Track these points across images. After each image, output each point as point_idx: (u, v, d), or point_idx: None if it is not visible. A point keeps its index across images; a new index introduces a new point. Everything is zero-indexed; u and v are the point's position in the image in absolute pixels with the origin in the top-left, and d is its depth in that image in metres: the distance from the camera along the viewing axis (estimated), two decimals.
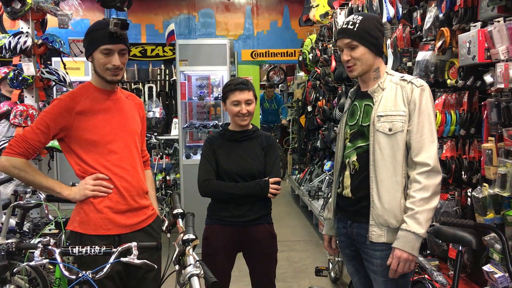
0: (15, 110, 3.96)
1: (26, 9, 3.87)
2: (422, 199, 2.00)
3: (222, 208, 2.59)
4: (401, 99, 2.09)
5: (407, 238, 2.00)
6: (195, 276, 1.63)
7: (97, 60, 2.15)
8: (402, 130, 2.06)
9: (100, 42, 2.12)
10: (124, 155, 2.22)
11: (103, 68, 2.15)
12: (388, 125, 2.07)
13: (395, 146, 2.07)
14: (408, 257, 2.00)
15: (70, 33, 7.62)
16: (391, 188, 2.07)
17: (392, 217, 2.07)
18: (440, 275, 2.54)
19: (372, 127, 2.11)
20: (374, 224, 2.10)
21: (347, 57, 2.14)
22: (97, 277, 1.83)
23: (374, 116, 2.11)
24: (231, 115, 2.61)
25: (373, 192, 2.10)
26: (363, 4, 4.44)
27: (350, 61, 2.14)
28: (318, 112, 6.27)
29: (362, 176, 2.14)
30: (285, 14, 10.34)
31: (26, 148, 2.09)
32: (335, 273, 4.12)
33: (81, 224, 2.16)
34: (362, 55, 2.12)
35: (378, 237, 2.10)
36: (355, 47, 2.12)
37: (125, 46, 2.19)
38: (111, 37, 2.12)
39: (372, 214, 2.10)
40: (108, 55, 2.13)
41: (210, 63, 5.14)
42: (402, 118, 2.07)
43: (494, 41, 2.45)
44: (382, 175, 2.08)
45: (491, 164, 2.51)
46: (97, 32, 2.14)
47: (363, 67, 2.14)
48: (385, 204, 2.07)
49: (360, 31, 2.11)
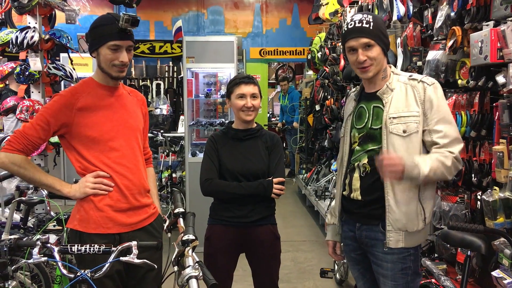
0: (21, 105, 3.97)
1: (33, 4, 3.87)
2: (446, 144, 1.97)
3: (225, 208, 2.55)
4: (413, 99, 2.04)
5: (412, 166, 1.91)
6: (194, 278, 1.59)
7: (104, 55, 2.11)
8: (417, 131, 2.01)
9: (109, 38, 2.08)
10: (126, 152, 2.18)
11: (110, 64, 2.12)
12: (402, 126, 2.02)
13: (411, 147, 2.02)
14: (400, 168, 1.90)
15: (79, 29, 7.65)
16: (408, 190, 2.02)
17: (410, 221, 2.02)
18: (447, 279, 2.49)
19: (384, 129, 2.05)
20: (391, 230, 2.04)
21: (364, 57, 2.04)
22: (95, 276, 1.80)
23: (386, 118, 2.05)
24: (236, 109, 2.56)
25: (389, 196, 2.03)
26: (373, 2, 4.38)
27: (366, 61, 2.05)
28: (326, 111, 6.21)
29: (374, 179, 2.08)
30: (295, 12, 10.28)
31: (25, 144, 2.06)
32: (341, 275, 4.07)
33: (81, 222, 2.13)
34: (378, 55, 2.05)
35: (396, 243, 2.04)
36: (372, 47, 2.04)
37: (132, 42, 2.16)
38: (120, 33, 2.08)
39: (388, 219, 2.04)
40: (115, 51, 2.10)
41: (217, 61, 5.11)
42: (416, 119, 2.01)
43: (507, 41, 2.39)
44: None
45: (502, 167, 2.45)
46: (105, 27, 2.10)
47: (378, 67, 2.08)
48: (402, 208, 2.02)
49: (376, 30, 2.04)
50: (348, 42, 2.08)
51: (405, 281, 2.06)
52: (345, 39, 2.10)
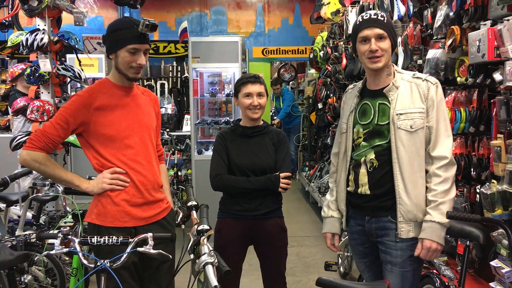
0: (32, 105, 4.05)
1: (42, 6, 3.93)
2: (443, 191, 2.08)
3: (234, 202, 2.64)
4: (418, 96, 2.15)
5: (434, 228, 2.07)
6: (210, 264, 1.69)
7: (122, 58, 2.21)
8: (422, 127, 2.13)
9: (128, 41, 2.19)
10: (140, 150, 2.28)
11: (127, 66, 2.22)
12: (409, 122, 2.12)
13: (418, 142, 2.13)
14: (437, 246, 2.08)
15: (84, 30, 7.74)
16: (417, 183, 2.13)
17: (420, 211, 2.13)
18: (447, 269, 2.58)
19: (392, 125, 2.15)
20: (402, 221, 2.14)
21: (376, 47, 2.13)
22: (114, 266, 1.90)
23: (393, 115, 2.15)
24: (243, 108, 2.67)
25: (400, 189, 2.14)
26: (374, 2, 4.46)
27: (378, 52, 2.13)
28: (328, 109, 6.30)
29: (383, 173, 2.18)
30: (296, 12, 10.34)
31: (46, 142, 2.16)
32: (344, 268, 4.16)
33: (99, 216, 2.23)
34: (388, 48, 2.16)
35: (407, 233, 2.15)
36: (385, 39, 2.14)
37: (149, 46, 2.28)
38: (140, 37, 2.19)
39: (400, 211, 2.14)
40: (134, 54, 2.20)
41: (222, 60, 5.20)
42: (421, 114, 2.13)
43: (503, 40, 2.47)
44: (408, 171, 2.12)
45: (500, 161, 2.53)
46: (125, 31, 2.20)
47: (386, 60, 2.17)
48: (413, 199, 2.13)
49: (389, 24, 2.17)
50: (362, 32, 2.16)
51: (412, 268, 2.17)
52: (359, 29, 2.18)
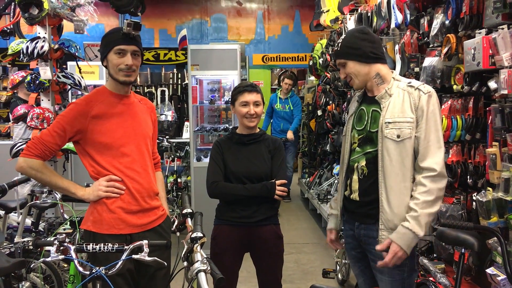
0: (32, 113, 4.08)
1: (43, 15, 3.98)
2: (425, 201, 2.05)
3: (230, 209, 2.66)
4: (409, 106, 2.14)
5: (407, 236, 2.06)
6: (202, 272, 1.70)
7: (111, 61, 2.24)
8: (410, 137, 2.12)
9: (114, 43, 2.23)
10: (136, 157, 2.30)
11: (117, 69, 2.24)
12: (396, 131, 2.13)
13: (404, 152, 2.12)
14: (403, 255, 2.07)
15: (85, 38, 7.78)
16: (400, 193, 2.13)
17: (401, 221, 2.11)
18: (443, 277, 2.58)
19: (380, 133, 2.17)
20: (383, 228, 2.16)
21: (343, 75, 2.31)
22: (109, 273, 1.91)
23: (382, 123, 2.16)
24: (240, 116, 2.69)
25: (382, 197, 2.15)
26: (372, 10, 4.49)
27: (347, 77, 2.29)
28: (327, 116, 6.32)
29: (371, 181, 2.20)
30: (296, 19, 10.41)
31: (43, 150, 2.18)
32: (342, 275, 4.16)
33: (95, 224, 2.25)
34: (352, 68, 2.24)
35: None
36: (345, 64, 2.27)
37: (137, 48, 2.28)
38: (125, 38, 2.22)
39: (381, 219, 2.16)
40: (121, 55, 2.23)
41: (221, 68, 5.23)
42: (410, 124, 2.12)
43: (498, 48, 2.50)
44: (391, 180, 2.13)
45: (495, 169, 2.54)
46: (112, 35, 2.26)
47: (359, 78, 2.25)
48: (394, 209, 2.13)
49: (342, 48, 2.26)
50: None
51: (401, 277, 2.17)
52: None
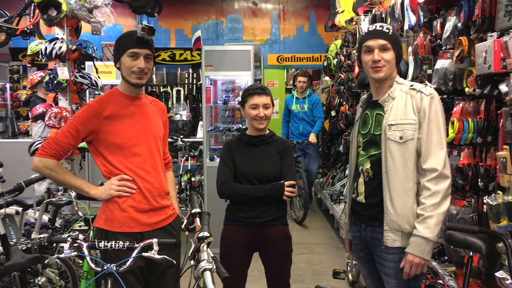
0: (50, 112, 4.18)
1: (61, 16, 4.07)
2: (432, 204, 2.07)
3: (239, 209, 2.70)
4: (411, 108, 2.16)
5: (417, 243, 2.08)
6: (208, 271, 1.75)
7: (124, 63, 2.30)
8: (412, 138, 2.14)
9: (128, 46, 2.28)
10: (147, 158, 2.35)
11: (129, 71, 2.29)
12: (399, 133, 2.15)
13: (407, 154, 2.15)
14: (419, 261, 2.08)
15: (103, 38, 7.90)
16: (403, 194, 2.15)
17: (405, 222, 2.14)
18: (451, 279, 2.58)
19: (383, 135, 2.19)
20: (388, 230, 2.18)
21: (379, 57, 2.20)
22: (120, 270, 1.97)
23: (385, 125, 2.19)
24: (249, 118, 2.73)
25: (386, 198, 2.18)
26: (386, 11, 4.48)
27: (381, 62, 2.20)
28: (341, 117, 6.32)
29: (376, 183, 2.23)
30: (311, 20, 10.39)
31: (57, 150, 2.26)
32: (353, 276, 4.17)
33: (106, 222, 2.31)
34: (392, 59, 2.21)
35: (393, 242, 2.18)
36: (388, 50, 2.20)
37: (150, 51, 2.33)
38: (138, 41, 2.28)
39: (386, 220, 2.19)
40: (134, 58, 2.28)
41: (234, 69, 5.27)
42: (412, 126, 2.14)
43: (509, 51, 2.48)
44: (394, 181, 2.16)
45: (506, 172, 2.53)
46: (125, 38, 2.31)
47: (389, 71, 2.23)
48: (398, 210, 2.15)
49: (394, 37, 2.22)
50: (366, 42, 2.24)
51: (407, 280, 2.18)
52: (364, 40, 2.26)
